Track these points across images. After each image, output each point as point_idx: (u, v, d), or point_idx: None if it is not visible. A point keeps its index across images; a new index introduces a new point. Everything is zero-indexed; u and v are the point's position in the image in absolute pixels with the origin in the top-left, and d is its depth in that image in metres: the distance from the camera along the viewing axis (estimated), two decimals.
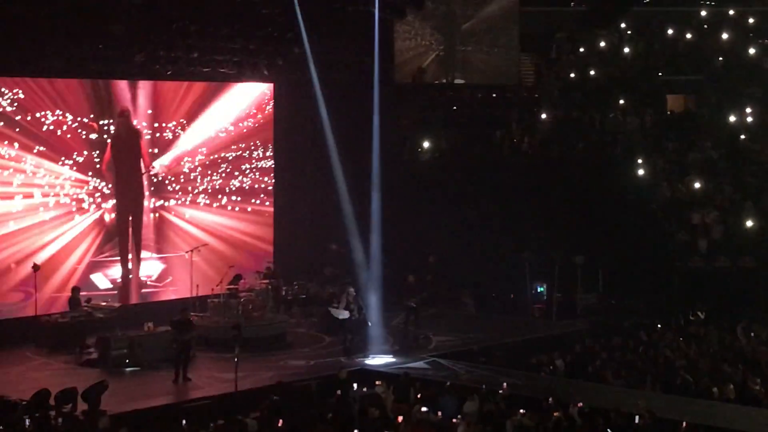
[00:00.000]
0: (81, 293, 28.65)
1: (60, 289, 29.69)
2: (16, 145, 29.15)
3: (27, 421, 19.55)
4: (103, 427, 18.96)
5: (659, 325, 29.52)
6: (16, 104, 29.14)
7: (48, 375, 25.27)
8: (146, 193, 32.08)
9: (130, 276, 31.72)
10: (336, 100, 33.76)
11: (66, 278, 30.01)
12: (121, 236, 31.46)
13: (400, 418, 20.47)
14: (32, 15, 27.27)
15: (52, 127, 29.87)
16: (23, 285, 29.06)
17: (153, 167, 32.07)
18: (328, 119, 33.65)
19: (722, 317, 30.10)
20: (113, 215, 31.29)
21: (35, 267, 28.31)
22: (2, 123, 28.91)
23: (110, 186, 31.16)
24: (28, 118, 29.42)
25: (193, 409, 22.57)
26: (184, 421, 19.97)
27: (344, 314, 28.35)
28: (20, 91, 29.20)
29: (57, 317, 28.00)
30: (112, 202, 31.24)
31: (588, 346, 28.09)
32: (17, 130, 29.23)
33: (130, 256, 31.70)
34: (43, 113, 29.69)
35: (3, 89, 28.85)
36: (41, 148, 29.63)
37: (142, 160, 31.81)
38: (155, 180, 32.23)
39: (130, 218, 31.68)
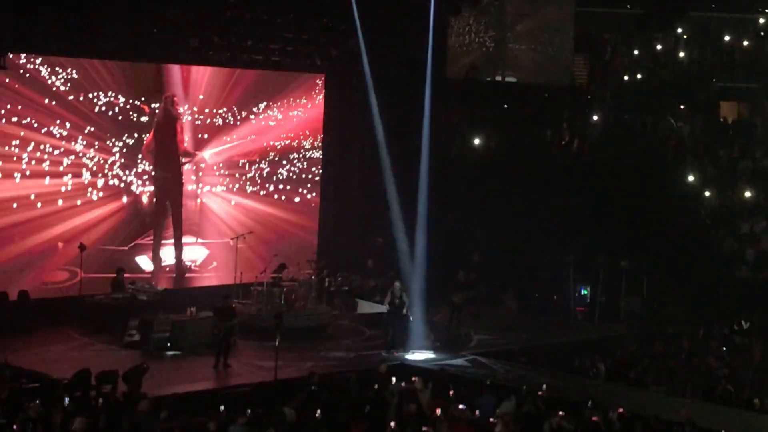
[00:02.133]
0: (125, 275, 28.71)
1: (105, 269, 29.80)
2: (68, 124, 29.35)
3: (67, 400, 19.64)
4: (143, 409, 19.01)
5: (702, 333, 29.26)
6: (69, 84, 29.32)
7: (90, 355, 25.40)
8: (193, 178, 32.17)
9: (174, 260, 31.84)
10: (387, 93, 33.73)
11: (111, 259, 30.12)
12: (158, 221, 31.58)
13: (437, 413, 20.41)
14: None
15: (104, 108, 30.06)
16: (69, 264, 29.26)
17: (197, 153, 32.14)
18: (379, 112, 33.69)
19: (766, 329, 29.79)
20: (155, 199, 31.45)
21: (81, 247, 28.47)
22: (55, 102, 29.09)
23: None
24: (81, 98, 29.59)
25: (232, 395, 22.60)
26: (222, 407, 19.98)
27: (376, 308, 28.25)
28: (74, 71, 29.37)
29: (101, 298, 28.12)
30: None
31: (630, 351, 27.93)
32: (69, 110, 29.39)
33: (171, 240, 31.81)
34: (95, 94, 29.88)
35: (57, 68, 29.02)
36: (92, 129, 29.81)
37: (180, 144, 31.86)
38: (203, 165, 32.31)
39: (168, 203, 31.76)
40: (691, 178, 34.68)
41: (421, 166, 31.48)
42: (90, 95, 29.74)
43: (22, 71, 28.47)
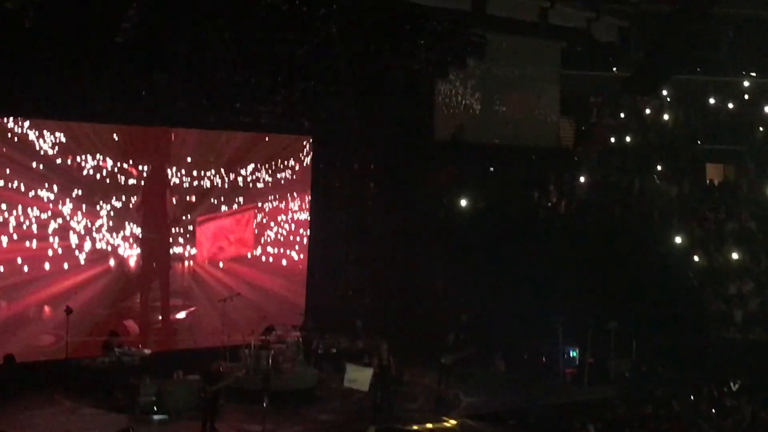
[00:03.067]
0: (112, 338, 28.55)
1: (92, 333, 29.65)
2: (55, 187, 29.31)
3: None
4: None
5: (692, 396, 29.18)
6: (57, 147, 29.32)
7: (76, 419, 25.21)
8: (181, 241, 32.11)
9: (159, 323, 31.70)
10: (376, 155, 34.01)
11: (98, 323, 29.97)
12: (145, 283, 31.44)
13: None
14: (76, 60, 27.46)
15: (91, 171, 30.02)
16: (55, 328, 29.05)
17: (185, 217, 32.09)
18: (368, 174, 33.98)
19: (756, 391, 29.73)
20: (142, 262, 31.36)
21: (68, 310, 28.30)
22: (42, 165, 29.08)
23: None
24: (68, 161, 29.60)
25: None
26: None
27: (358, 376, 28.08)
28: (62, 135, 29.40)
29: (87, 362, 27.93)
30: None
31: (619, 413, 27.80)
32: (57, 173, 29.39)
33: (158, 303, 31.69)
34: (83, 157, 29.86)
35: (45, 132, 29.04)
36: (79, 192, 29.78)
37: (168, 208, 31.80)
38: (190, 228, 32.25)
39: (155, 265, 31.65)
40: (678, 239, 34.79)
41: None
42: (78, 158, 29.75)
43: (9, 135, 28.47)
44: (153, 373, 27.59)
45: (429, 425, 26.01)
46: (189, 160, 32.08)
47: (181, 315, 32.23)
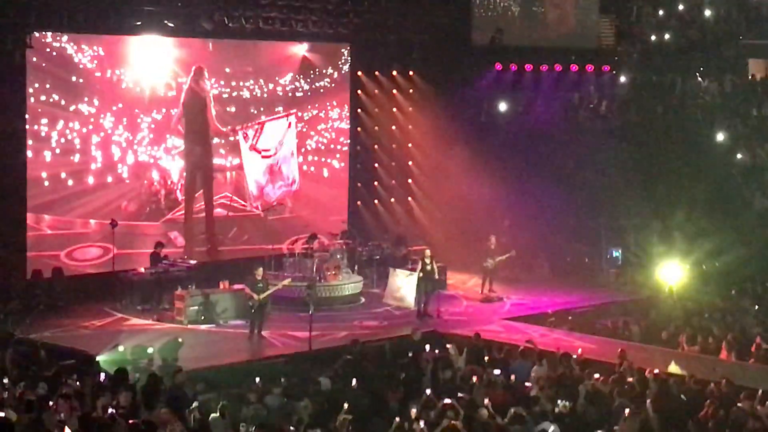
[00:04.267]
0: (160, 249, 28.80)
1: (137, 245, 29.93)
2: (96, 101, 29.38)
3: (103, 376, 19.81)
4: (179, 382, 19.15)
5: (734, 292, 29.15)
6: (95, 62, 29.35)
7: (125, 330, 25.56)
8: (222, 152, 32.19)
9: (204, 235, 31.91)
10: (414, 61, 33.86)
11: (143, 235, 30.21)
12: (189, 195, 31.60)
13: (474, 380, 20.45)
14: None
15: (131, 85, 30.03)
16: (101, 241, 29.33)
17: (227, 127, 32.11)
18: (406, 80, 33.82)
19: None
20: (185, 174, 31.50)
21: (113, 223, 28.55)
22: (82, 80, 29.14)
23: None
24: (108, 75, 29.62)
25: (267, 366, 22.71)
26: (258, 379, 20.08)
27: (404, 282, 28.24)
28: (100, 48, 29.40)
29: (134, 273, 28.26)
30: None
31: (663, 311, 27.87)
32: (97, 86, 29.46)
33: (203, 214, 31.86)
34: (122, 71, 29.85)
35: (83, 46, 29.05)
36: (120, 105, 29.85)
37: (209, 119, 31.86)
38: (231, 139, 32.31)
39: (198, 177, 31.77)
40: (720, 137, 34.50)
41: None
42: (117, 72, 29.76)
43: (48, 50, 28.52)
44: (199, 284, 27.93)
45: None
46: (227, 70, 32.01)
47: (226, 225, 32.32)
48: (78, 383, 18.96)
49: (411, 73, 35.29)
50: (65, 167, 29.05)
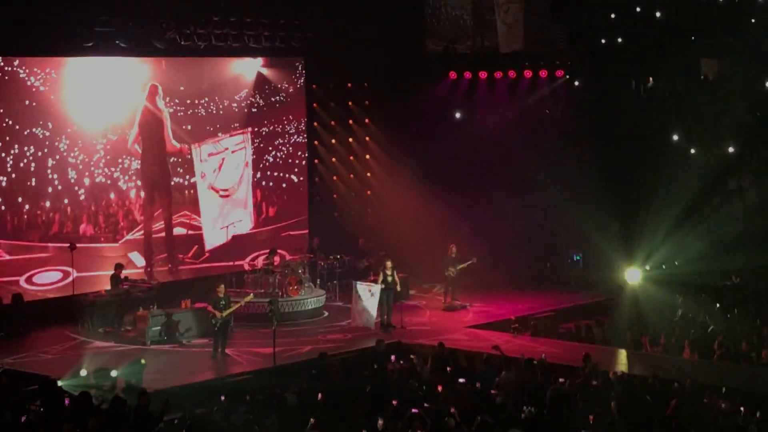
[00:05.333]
0: (119, 271, 28.66)
1: (97, 267, 29.78)
2: (50, 125, 29.21)
3: (67, 401, 19.69)
4: (143, 404, 19.03)
5: (694, 292, 29.27)
6: (48, 84, 29.18)
7: (88, 354, 25.40)
8: (180, 170, 32.07)
9: (164, 254, 31.79)
10: (369, 71, 33.91)
11: (103, 257, 30.06)
12: (148, 215, 31.44)
13: (440, 389, 20.47)
14: None
15: (85, 106, 29.82)
16: (61, 263, 29.15)
17: (184, 146, 32.01)
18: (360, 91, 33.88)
19: (760, 282, 29.86)
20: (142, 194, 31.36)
21: (72, 246, 28.40)
22: (35, 103, 28.96)
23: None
24: (61, 97, 29.42)
25: (232, 384, 22.65)
26: (223, 397, 20.01)
27: (367, 293, 28.20)
28: (53, 71, 29.24)
29: (95, 295, 28.11)
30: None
31: (625, 313, 28.00)
32: (51, 109, 29.29)
33: (162, 234, 31.74)
34: (75, 92, 29.64)
35: (35, 69, 28.89)
36: (74, 128, 29.68)
37: (165, 138, 31.71)
38: (189, 157, 32.22)
39: (156, 196, 31.64)
40: (675, 137, 34.72)
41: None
42: (70, 94, 29.57)
43: (0, 74, 28.37)
44: (161, 304, 27.81)
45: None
46: (182, 89, 31.93)
47: (186, 243, 32.22)
48: (42, 409, 18.82)
49: (366, 84, 35.36)
50: (21, 192, 28.87)
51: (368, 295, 28.24)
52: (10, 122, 28.52)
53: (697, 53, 38.62)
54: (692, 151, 34.34)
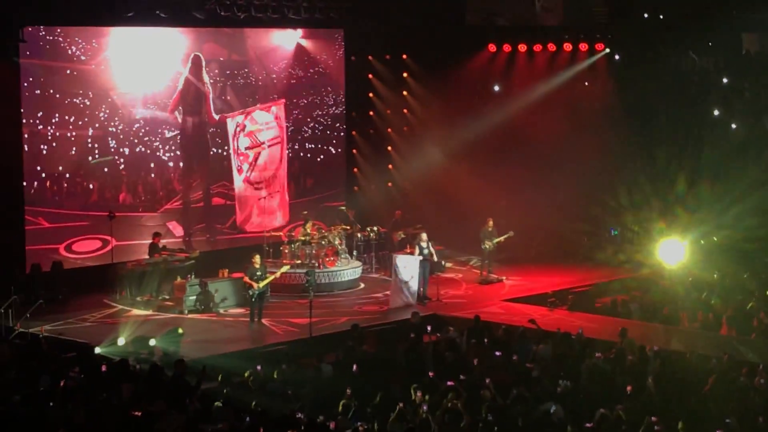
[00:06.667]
0: (157, 239, 28.79)
1: (135, 236, 29.91)
2: (91, 94, 29.30)
3: (104, 367, 19.83)
4: (180, 372, 19.15)
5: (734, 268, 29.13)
6: (90, 53, 29.23)
7: (125, 321, 25.57)
8: (218, 140, 32.13)
9: (202, 223, 31.91)
10: (407, 44, 33.87)
11: (141, 226, 30.20)
12: (186, 184, 31.54)
13: (476, 362, 20.50)
14: None
15: (126, 76, 29.88)
16: (100, 233, 29.31)
17: (223, 114, 32.06)
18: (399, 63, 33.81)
19: None
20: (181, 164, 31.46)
21: (111, 215, 28.52)
22: (76, 73, 29.05)
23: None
24: (102, 67, 29.49)
25: (268, 354, 22.75)
26: (259, 367, 20.12)
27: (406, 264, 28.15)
28: (93, 41, 29.30)
29: (134, 264, 28.23)
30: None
31: (662, 288, 27.88)
32: (92, 79, 29.34)
33: (201, 203, 31.84)
34: (116, 62, 29.67)
35: (77, 38, 28.97)
36: (114, 97, 29.74)
37: (206, 107, 31.79)
38: (228, 127, 32.27)
39: (195, 166, 31.74)
40: (716, 112, 34.49)
41: None
42: (111, 63, 29.65)
43: (41, 43, 28.46)
44: (198, 273, 27.95)
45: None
46: (221, 59, 31.99)
47: (224, 213, 32.31)
48: (81, 375, 18.99)
49: (405, 56, 35.29)
50: (62, 161, 29.03)
51: (408, 268, 28.10)
52: (51, 91, 28.64)
53: (739, 28, 38.28)
54: (733, 126, 34.06)
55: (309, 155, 34.20)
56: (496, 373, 19.68)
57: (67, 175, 29.16)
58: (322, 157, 34.54)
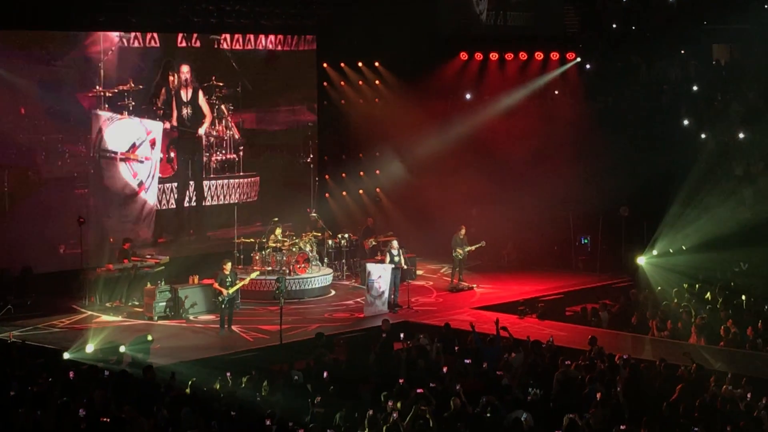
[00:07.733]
0: (127, 245, 28.69)
1: (106, 242, 29.78)
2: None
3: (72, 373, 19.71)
4: (149, 378, 19.08)
5: (702, 278, 29.14)
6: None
7: (93, 327, 25.43)
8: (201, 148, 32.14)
9: (173, 229, 31.82)
10: (380, 51, 33.90)
11: (111, 231, 30.09)
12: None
13: (446, 369, 20.48)
14: None
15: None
16: (70, 238, 29.15)
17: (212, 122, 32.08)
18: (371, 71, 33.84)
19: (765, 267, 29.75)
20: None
21: (81, 220, 28.37)
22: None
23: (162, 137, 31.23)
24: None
25: (238, 361, 22.67)
26: (228, 373, 20.04)
27: (384, 272, 28.14)
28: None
29: (102, 270, 28.10)
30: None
31: (632, 298, 27.94)
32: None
33: (174, 207, 31.78)
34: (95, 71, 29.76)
35: None
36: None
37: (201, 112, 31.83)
38: (211, 138, 32.24)
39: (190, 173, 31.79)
40: (686, 121, 34.65)
41: None
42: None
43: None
44: (168, 279, 27.83)
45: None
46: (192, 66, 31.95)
47: (195, 219, 32.25)
48: (49, 381, 18.88)
49: (377, 63, 35.33)
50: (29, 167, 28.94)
51: (379, 276, 28.05)
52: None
53: (709, 39, 38.55)
54: (702, 136, 34.23)
55: (279, 160, 34.12)
56: (466, 380, 19.67)
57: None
58: (292, 163, 34.48)
